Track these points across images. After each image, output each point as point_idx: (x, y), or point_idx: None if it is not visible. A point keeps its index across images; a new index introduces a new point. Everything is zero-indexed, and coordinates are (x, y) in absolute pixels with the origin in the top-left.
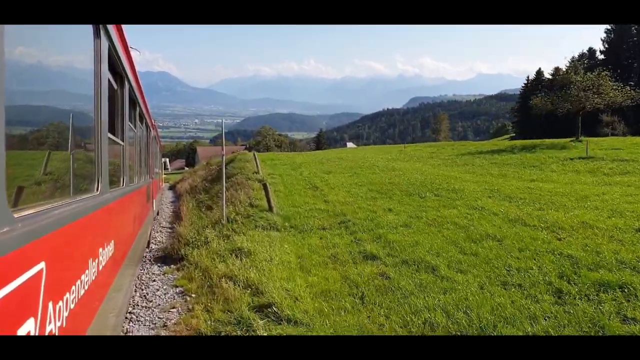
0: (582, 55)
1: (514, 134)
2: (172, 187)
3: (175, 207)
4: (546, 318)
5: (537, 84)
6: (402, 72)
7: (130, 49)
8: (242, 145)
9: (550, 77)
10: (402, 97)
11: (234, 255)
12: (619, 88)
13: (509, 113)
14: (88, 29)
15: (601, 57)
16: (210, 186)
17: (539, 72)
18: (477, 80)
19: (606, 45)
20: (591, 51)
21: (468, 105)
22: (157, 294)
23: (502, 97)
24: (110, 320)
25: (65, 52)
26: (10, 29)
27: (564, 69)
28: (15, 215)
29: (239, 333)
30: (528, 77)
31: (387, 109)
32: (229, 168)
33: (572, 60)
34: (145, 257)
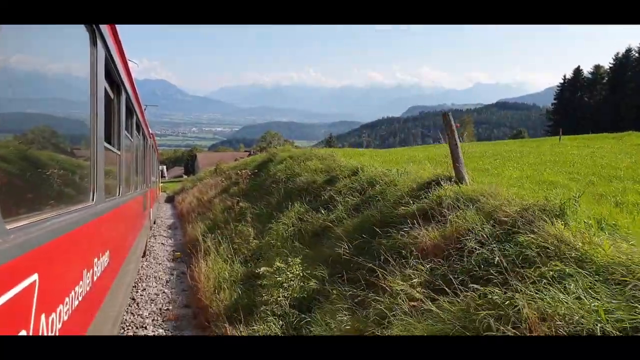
0: (628, 50)
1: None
2: (170, 199)
3: (177, 244)
4: None
5: (575, 82)
6: (401, 82)
7: (128, 61)
8: (246, 151)
9: (590, 75)
10: (401, 106)
11: None
12: None
13: (543, 115)
14: (85, 38)
15: None
16: (254, 209)
17: (578, 71)
18: (476, 89)
19: None
20: None
21: (468, 114)
22: None
23: (501, 105)
24: (104, 332)
25: (61, 61)
26: (5, 35)
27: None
28: (8, 227)
29: None
30: (565, 75)
31: (387, 117)
32: (278, 171)
33: (617, 57)
34: None
